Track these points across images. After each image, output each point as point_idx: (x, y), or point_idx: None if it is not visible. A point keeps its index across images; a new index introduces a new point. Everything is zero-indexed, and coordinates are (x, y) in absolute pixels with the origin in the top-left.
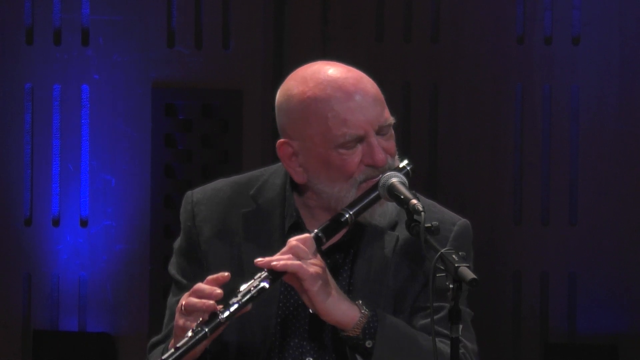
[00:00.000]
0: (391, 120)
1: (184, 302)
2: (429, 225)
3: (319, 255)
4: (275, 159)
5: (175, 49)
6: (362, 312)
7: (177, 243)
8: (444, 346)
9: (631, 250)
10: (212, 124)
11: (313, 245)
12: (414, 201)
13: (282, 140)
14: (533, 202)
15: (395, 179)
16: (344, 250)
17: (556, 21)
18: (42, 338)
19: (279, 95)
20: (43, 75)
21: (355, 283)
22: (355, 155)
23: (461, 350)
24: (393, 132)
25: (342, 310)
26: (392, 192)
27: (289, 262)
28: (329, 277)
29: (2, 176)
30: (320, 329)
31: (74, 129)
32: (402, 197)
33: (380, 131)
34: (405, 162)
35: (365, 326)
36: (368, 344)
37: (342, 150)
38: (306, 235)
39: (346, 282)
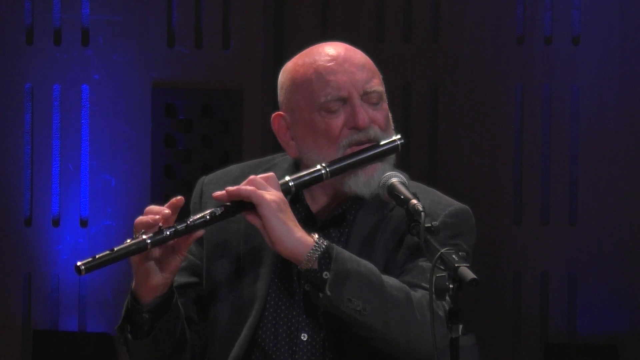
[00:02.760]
0: (379, 88)
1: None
2: (429, 225)
3: (280, 192)
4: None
5: (175, 49)
6: (317, 242)
7: None
8: (409, 289)
9: (631, 250)
10: (212, 124)
11: (276, 183)
12: (414, 201)
13: (276, 113)
14: (533, 202)
15: (395, 179)
16: (339, 226)
17: (556, 21)
18: (42, 338)
19: (280, 74)
20: (43, 75)
21: None
22: (339, 119)
23: (416, 293)
24: (386, 106)
25: (296, 239)
26: (392, 192)
27: (243, 187)
28: (287, 209)
29: (2, 176)
30: (315, 305)
31: (74, 129)
32: (402, 197)
33: (367, 99)
34: (398, 136)
35: (321, 256)
36: (325, 275)
37: (324, 112)
38: (270, 173)
39: None
